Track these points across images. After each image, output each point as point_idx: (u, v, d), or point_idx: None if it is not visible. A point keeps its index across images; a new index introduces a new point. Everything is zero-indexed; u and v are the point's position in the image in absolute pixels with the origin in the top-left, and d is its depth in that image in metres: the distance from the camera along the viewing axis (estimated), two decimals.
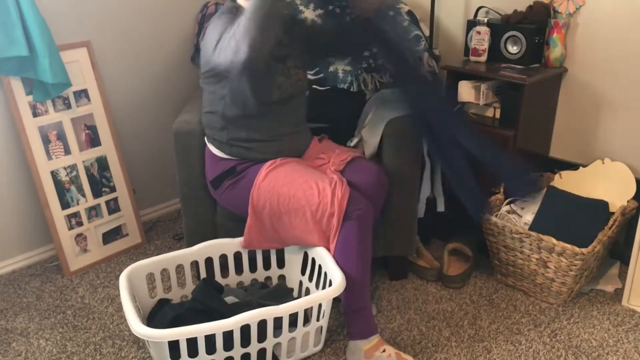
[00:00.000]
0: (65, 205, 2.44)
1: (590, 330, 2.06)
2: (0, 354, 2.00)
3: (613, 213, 2.17)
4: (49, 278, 2.43)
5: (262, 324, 1.73)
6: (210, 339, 1.67)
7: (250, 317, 1.67)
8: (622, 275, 2.29)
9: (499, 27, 2.40)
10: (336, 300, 1.91)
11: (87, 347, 2.03)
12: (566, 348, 1.98)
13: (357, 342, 1.90)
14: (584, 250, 2.02)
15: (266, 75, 1.89)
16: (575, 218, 2.16)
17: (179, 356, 1.66)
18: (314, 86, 2.43)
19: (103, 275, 2.44)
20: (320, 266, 1.95)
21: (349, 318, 1.91)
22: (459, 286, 2.30)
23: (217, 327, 1.64)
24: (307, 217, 1.87)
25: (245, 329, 1.71)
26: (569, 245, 2.03)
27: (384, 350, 1.88)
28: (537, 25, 2.34)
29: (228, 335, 1.69)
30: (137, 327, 1.62)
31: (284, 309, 1.72)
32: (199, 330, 1.63)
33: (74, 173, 2.46)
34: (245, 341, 1.74)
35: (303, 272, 2.08)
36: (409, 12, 2.57)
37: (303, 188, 1.87)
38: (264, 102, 1.92)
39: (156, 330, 1.62)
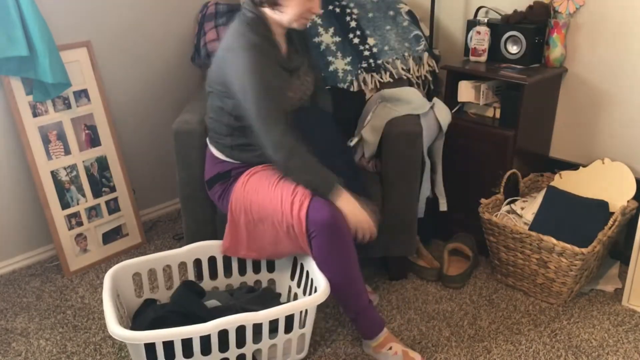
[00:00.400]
0: (65, 205, 2.44)
1: (590, 330, 2.06)
2: (0, 354, 2.00)
3: (613, 213, 2.17)
4: (49, 278, 2.43)
5: (241, 330, 1.70)
6: (187, 343, 1.65)
7: (227, 322, 1.64)
8: (622, 275, 2.29)
9: (499, 27, 2.40)
10: (334, 302, 1.91)
11: (87, 347, 2.03)
12: (566, 348, 1.98)
13: (366, 341, 1.93)
14: (584, 250, 2.02)
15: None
16: (575, 218, 2.16)
17: (156, 358, 1.64)
18: None
19: (103, 275, 2.43)
20: (308, 272, 1.91)
21: (352, 321, 1.93)
22: (459, 286, 2.30)
23: (193, 331, 1.62)
24: (276, 226, 1.83)
25: (224, 334, 1.68)
26: (569, 245, 2.03)
27: (390, 348, 1.88)
28: (537, 25, 2.34)
29: (206, 340, 1.66)
30: (114, 329, 1.61)
31: (262, 316, 1.68)
32: (175, 333, 1.61)
33: (74, 173, 2.46)
34: (224, 346, 1.71)
35: (293, 277, 2.05)
36: (409, 12, 2.58)
37: (270, 197, 1.82)
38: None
39: (132, 332, 1.61)
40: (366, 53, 2.46)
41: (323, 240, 1.76)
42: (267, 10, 1.83)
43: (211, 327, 1.63)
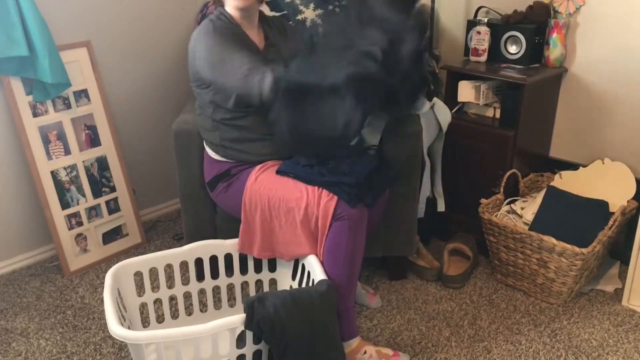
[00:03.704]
0: (65, 205, 2.44)
1: (590, 330, 2.06)
2: (0, 354, 2.00)
3: (613, 213, 2.17)
4: (49, 278, 2.43)
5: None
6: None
7: (227, 322, 1.64)
8: (622, 275, 2.29)
9: (499, 27, 2.41)
10: None
11: (87, 347, 2.03)
12: (566, 348, 1.98)
13: None
14: (584, 250, 2.02)
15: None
16: (575, 218, 2.16)
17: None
18: None
19: (103, 275, 2.44)
20: (309, 272, 1.90)
21: None
22: (459, 286, 2.30)
23: (193, 331, 1.61)
24: (297, 221, 1.83)
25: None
26: (569, 245, 2.03)
27: (364, 352, 1.88)
28: (537, 25, 2.34)
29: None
30: (114, 328, 1.61)
31: None
32: (175, 334, 1.61)
33: (74, 173, 2.46)
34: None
35: (294, 277, 2.03)
36: None
37: (292, 191, 1.83)
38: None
39: (132, 332, 1.61)
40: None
41: (343, 228, 1.78)
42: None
43: (211, 327, 1.63)
